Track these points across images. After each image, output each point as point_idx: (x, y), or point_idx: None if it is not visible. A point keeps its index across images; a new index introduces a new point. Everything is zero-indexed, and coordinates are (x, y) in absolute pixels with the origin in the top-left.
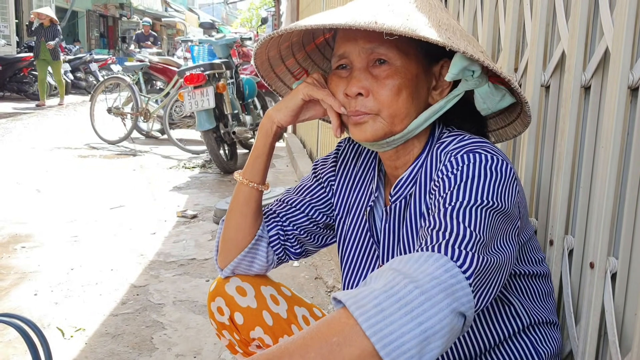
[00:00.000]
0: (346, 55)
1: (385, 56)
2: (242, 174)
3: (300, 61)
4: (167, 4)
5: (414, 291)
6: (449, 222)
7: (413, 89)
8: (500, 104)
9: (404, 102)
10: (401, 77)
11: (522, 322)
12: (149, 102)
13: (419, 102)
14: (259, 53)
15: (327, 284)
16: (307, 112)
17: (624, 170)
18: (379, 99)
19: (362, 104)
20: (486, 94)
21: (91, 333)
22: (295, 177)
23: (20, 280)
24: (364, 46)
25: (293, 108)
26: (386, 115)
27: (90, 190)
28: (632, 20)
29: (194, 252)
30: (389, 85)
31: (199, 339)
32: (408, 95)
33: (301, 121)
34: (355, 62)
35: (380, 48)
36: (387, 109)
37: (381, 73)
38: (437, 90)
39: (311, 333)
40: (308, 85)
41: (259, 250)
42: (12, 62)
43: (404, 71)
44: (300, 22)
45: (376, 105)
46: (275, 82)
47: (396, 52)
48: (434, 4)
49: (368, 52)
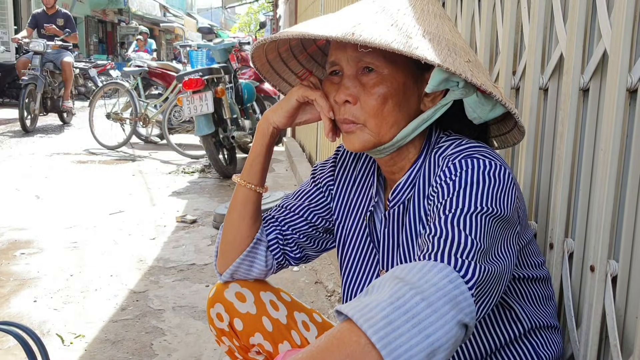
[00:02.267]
0: (337, 63)
1: (372, 64)
2: (240, 176)
3: (303, 62)
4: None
5: (421, 303)
6: (449, 229)
7: (400, 97)
8: (491, 114)
9: (389, 111)
10: (387, 85)
11: (523, 326)
12: (147, 107)
13: (408, 110)
14: (256, 57)
15: (327, 289)
16: (303, 114)
17: (624, 172)
18: (365, 107)
19: (350, 112)
20: (475, 103)
21: (91, 339)
22: (294, 181)
23: (19, 287)
24: (351, 54)
25: (288, 109)
26: (372, 125)
27: (89, 195)
28: (630, 22)
29: (193, 258)
30: (375, 94)
31: (198, 345)
32: (395, 104)
33: (298, 124)
34: (345, 70)
35: (367, 57)
36: (372, 118)
37: (368, 81)
38: (429, 97)
39: (319, 348)
40: (303, 86)
41: (258, 254)
42: (11, 69)
43: (390, 79)
44: (283, 31)
45: (363, 115)
46: (279, 83)
47: (383, 60)
48: (428, 9)
49: (356, 60)
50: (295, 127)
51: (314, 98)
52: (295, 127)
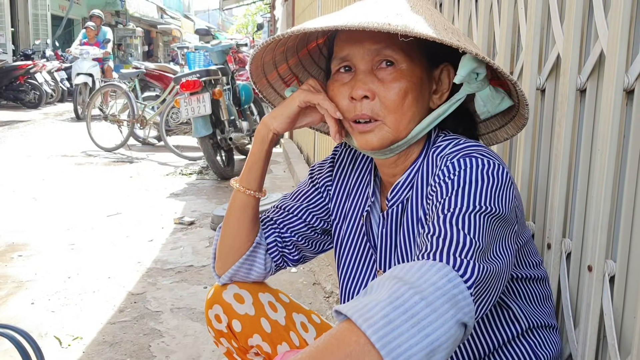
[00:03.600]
0: (349, 58)
1: (393, 58)
2: (238, 181)
3: (292, 67)
4: (162, 10)
5: (420, 303)
6: (448, 229)
7: (418, 92)
8: (499, 107)
9: (409, 106)
10: (407, 80)
11: (521, 325)
12: (145, 109)
13: (422, 106)
14: (257, 57)
15: (325, 290)
16: (303, 118)
17: (621, 172)
18: (385, 102)
19: (368, 108)
20: (487, 97)
21: (88, 342)
22: (292, 182)
23: (17, 289)
24: (370, 47)
25: (289, 115)
26: (391, 121)
27: (86, 197)
28: (627, 23)
29: (191, 259)
30: (396, 88)
31: (197, 347)
32: (413, 98)
33: (297, 128)
34: (359, 65)
35: (387, 50)
36: (392, 113)
37: (387, 76)
38: (437, 94)
39: (318, 349)
40: (304, 91)
41: (257, 258)
42: (8, 71)
43: (409, 74)
44: (309, 23)
45: (382, 110)
46: (265, 88)
47: (402, 54)
48: (431, 8)
49: (374, 54)
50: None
51: (317, 102)
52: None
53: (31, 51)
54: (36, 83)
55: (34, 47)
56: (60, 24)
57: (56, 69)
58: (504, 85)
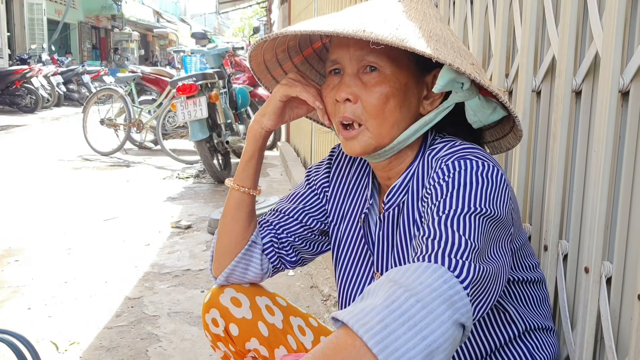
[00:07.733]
0: (338, 61)
1: (376, 64)
2: (233, 179)
3: (297, 65)
4: (159, 14)
5: (416, 305)
6: (443, 230)
7: (402, 97)
8: (491, 117)
9: (391, 111)
10: (390, 85)
11: (518, 328)
12: (141, 112)
13: (408, 112)
14: (254, 56)
15: (323, 293)
16: (291, 111)
17: (617, 173)
18: (366, 107)
19: (350, 111)
20: (477, 106)
21: (85, 346)
22: (289, 185)
23: (13, 295)
24: (354, 53)
25: (274, 111)
26: (373, 126)
27: (83, 202)
28: (621, 24)
29: (188, 263)
30: (377, 93)
31: (194, 351)
32: (396, 104)
33: (289, 121)
34: (347, 68)
35: (370, 56)
36: (373, 118)
37: (370, 80)
38: (429, 100)
39: (316, 355)
40: (283, 86)
41: (253, 256)
42: (5, 75)
43: (393, 79)
44: (291, 27)
45: (364, 114)
46: (273, 85)
47: (386, 60)
48: (429, 13)
49: (359, 59)
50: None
51: (295, 94)
52: (289, 132)
53: (27, 55)
54: (32, 87)
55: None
56: (57, 29)
57: (52, 74)
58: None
